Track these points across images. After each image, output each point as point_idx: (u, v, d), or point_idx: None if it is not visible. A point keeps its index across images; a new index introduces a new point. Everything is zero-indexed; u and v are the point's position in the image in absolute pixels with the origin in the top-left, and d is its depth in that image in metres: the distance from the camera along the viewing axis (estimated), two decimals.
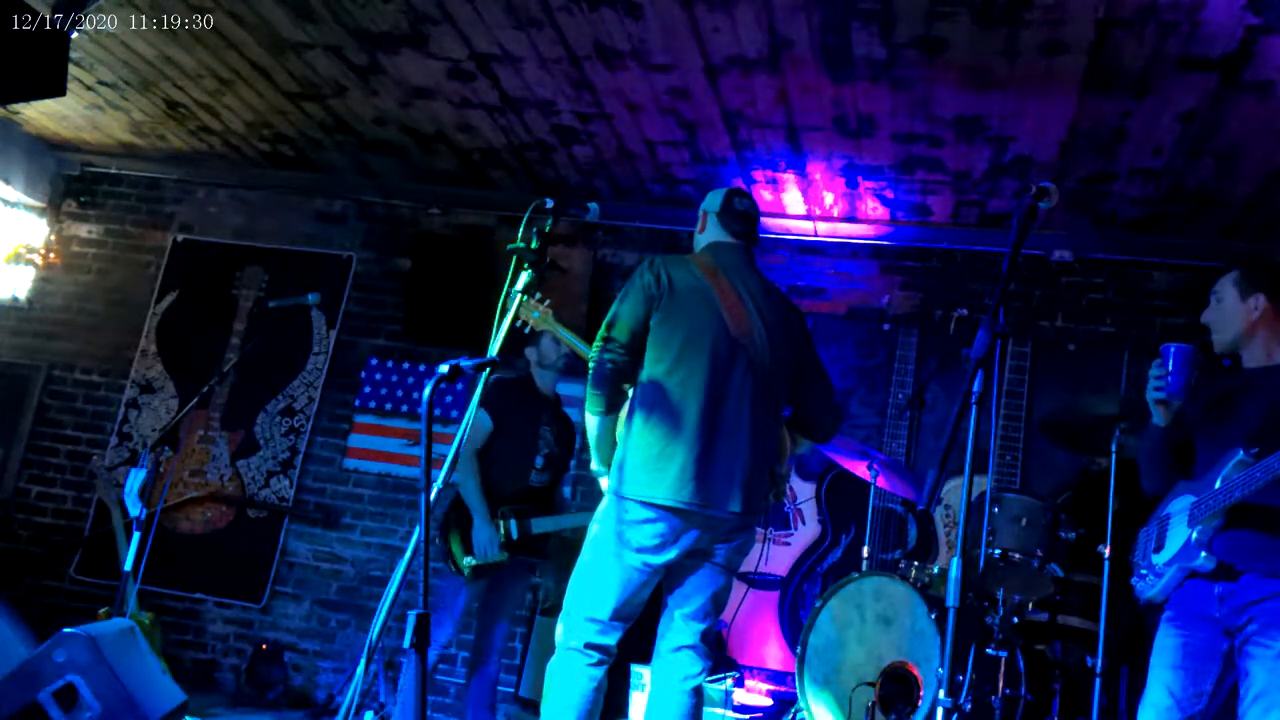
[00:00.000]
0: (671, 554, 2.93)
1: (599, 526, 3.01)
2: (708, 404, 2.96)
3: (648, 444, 2.93)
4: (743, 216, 3.25)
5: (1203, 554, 2.71)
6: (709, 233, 3.28)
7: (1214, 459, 2.79)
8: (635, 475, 2.92)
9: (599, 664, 2.93)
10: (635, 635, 3.05)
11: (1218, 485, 2.71)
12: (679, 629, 3.04)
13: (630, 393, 3.07)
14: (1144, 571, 2.94)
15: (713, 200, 3.30)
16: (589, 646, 2.93)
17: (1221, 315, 2.96)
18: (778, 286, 3.30)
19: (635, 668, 4.21)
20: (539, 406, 4.39)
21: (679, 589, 3.05)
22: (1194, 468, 2.92)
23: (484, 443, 4.25)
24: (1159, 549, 2.89)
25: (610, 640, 2.95)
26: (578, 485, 5.55)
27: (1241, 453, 2.68)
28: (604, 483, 3.18)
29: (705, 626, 3.06)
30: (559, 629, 2.99)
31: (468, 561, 4.11)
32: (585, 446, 5.52)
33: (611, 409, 3.05)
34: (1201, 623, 2.77)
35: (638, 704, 4.20)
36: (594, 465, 3.19)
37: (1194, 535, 2.74)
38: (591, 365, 3.03)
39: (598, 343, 3.03)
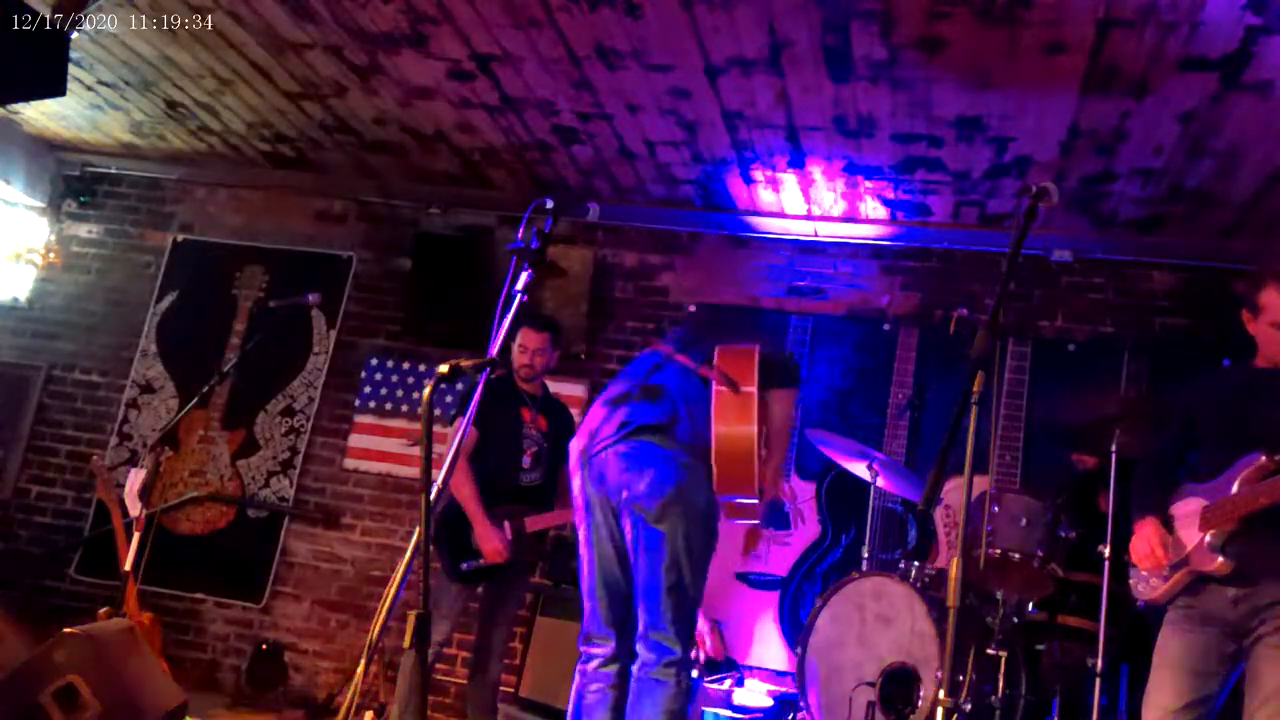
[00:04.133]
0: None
1: None
2: None
3: None
4: None
5: (1220, 559, 2.69)
6: None
7: (1225, 460, 2.76)
8: None
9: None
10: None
11: (1235, 490, 2.69)
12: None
13: None
14: (1145, 573, 2.92)
15: None
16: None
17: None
18: None
19: None
20: (518, 403, 4.36)
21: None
22: (1200, 467, 2.90)
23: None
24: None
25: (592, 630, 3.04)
26: None
27: (1263, 457, 2.66)
28: None
29: (643, 606, 2.93)
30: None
31: (464, 566, 4.11)
32: None
33: None
34: (1209, 625, 2.75)
35: None
36: None
37: (1208, 539, 2.72)
38: None
39: None
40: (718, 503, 2.95)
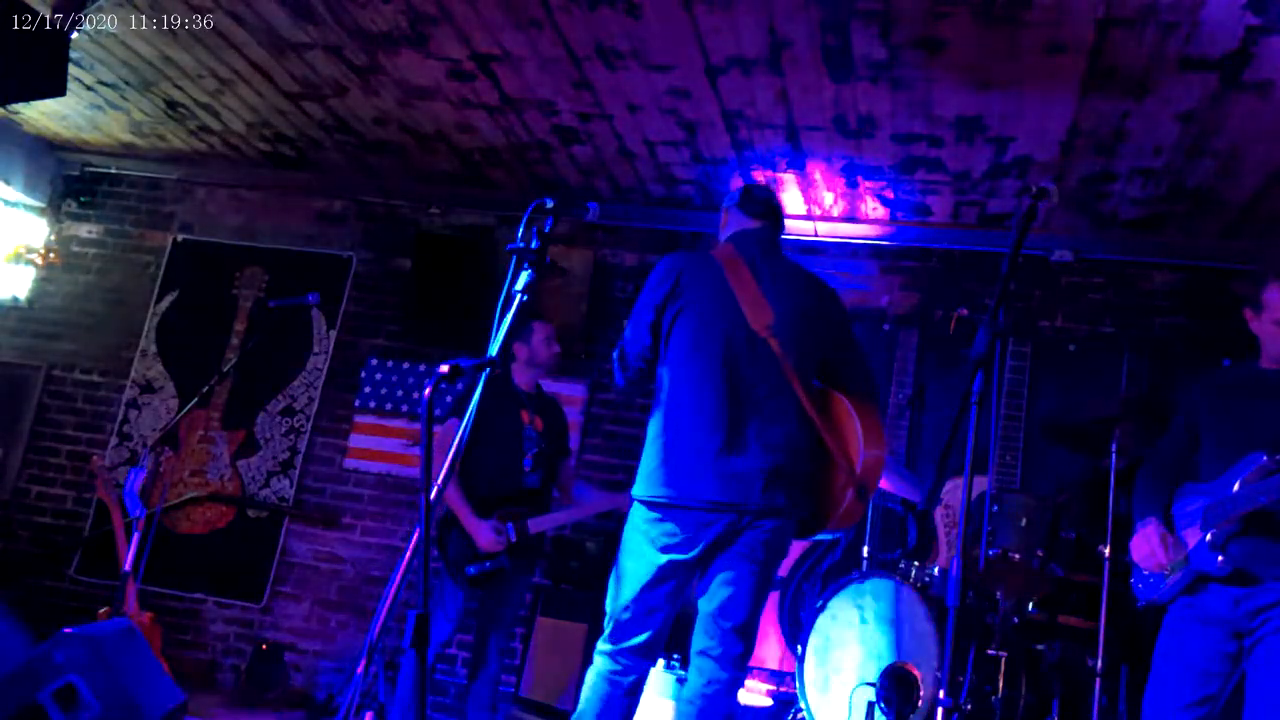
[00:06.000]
0: (694, 551, 2.89)
1: (625, 532, 3.01)
2: (720, 399, 2.92)
3: (661, 446, 2.94)
4: (762, 201, 3.26)
5: (1220, 558, 2.70)
6: (730, 225, 3.28)
7: (1227, 460, 2.76)
8: (648, 477, 2.94)
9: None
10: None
11: (1235, 489, 2.69)
12: (699, 630, 3.00)
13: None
14: (1147, 572, 2.93)
15: (731, 197, 3.32)
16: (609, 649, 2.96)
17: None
18: (805, 268, 3.27)
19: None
20: (517, 404, 4.35)
21: (703, 586, 3.01)
22: (1201, 467, 2.90)
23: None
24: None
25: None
26: None
27: (1265, 458, 2.66)
28: None
29: (724, 629, 2.97)
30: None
31: (470, 570, 4.11)
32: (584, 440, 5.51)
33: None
34: (1210, 625, 2.75)
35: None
36: None
37: (1208, 539, 2.73)
38: (610, 380, 3.15)
39: (614, 353, 3.13)
40: None
